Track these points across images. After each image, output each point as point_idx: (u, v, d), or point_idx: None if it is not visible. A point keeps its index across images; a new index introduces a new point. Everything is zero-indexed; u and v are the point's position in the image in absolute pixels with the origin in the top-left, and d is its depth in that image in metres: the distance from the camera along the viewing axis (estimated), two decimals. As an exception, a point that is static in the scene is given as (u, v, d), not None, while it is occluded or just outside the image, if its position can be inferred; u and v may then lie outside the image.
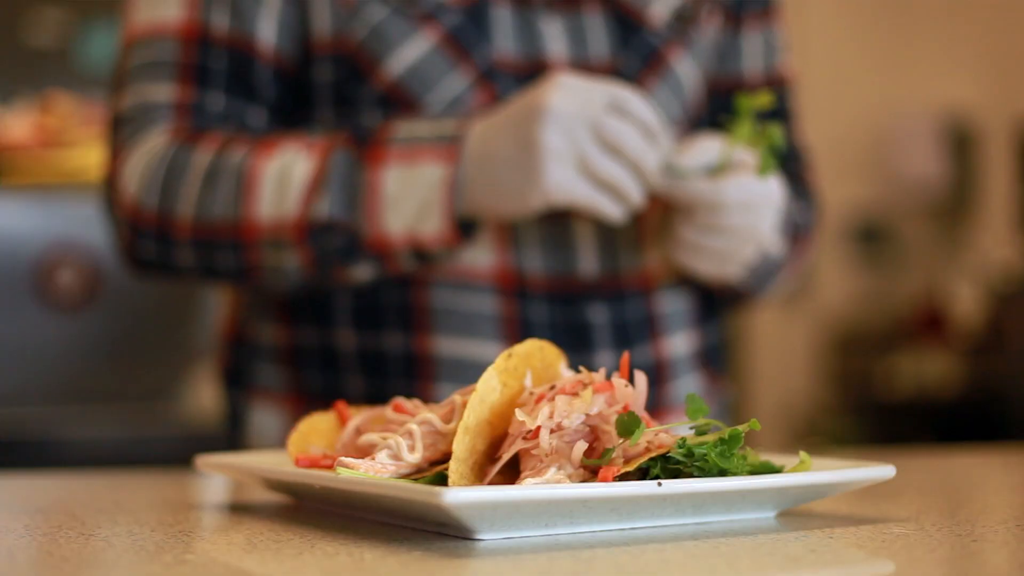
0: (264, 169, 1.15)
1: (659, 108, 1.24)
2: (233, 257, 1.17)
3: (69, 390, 3.20)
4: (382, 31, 1.19)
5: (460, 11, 1.19)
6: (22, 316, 3.20)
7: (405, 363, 1.20)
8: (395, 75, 1.19)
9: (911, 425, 4.14)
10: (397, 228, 1.13)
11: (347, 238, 1.14)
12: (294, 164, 1.15)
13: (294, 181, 1.14)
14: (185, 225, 1.18)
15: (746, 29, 1.34)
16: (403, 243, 1.13)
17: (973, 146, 4.64)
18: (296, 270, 1.16)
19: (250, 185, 1.15)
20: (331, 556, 0.71)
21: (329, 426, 0.91)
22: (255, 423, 1.28)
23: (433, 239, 1.13)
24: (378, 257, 1.15)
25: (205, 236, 1.17)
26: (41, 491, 1.13)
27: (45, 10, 3.32)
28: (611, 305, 1.23)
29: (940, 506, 0.99)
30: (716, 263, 1.19)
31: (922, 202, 4.60)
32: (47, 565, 0.71)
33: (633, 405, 0.80)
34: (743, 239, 1.17)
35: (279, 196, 1.15)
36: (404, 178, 1.12)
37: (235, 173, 1.16)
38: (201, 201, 1.17)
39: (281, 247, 1.15)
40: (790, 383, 4.53)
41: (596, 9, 1.24)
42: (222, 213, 1.16)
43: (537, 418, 0.77)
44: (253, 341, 1.29)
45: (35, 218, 3.22)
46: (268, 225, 1.15)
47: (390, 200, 1.12)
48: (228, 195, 1.16)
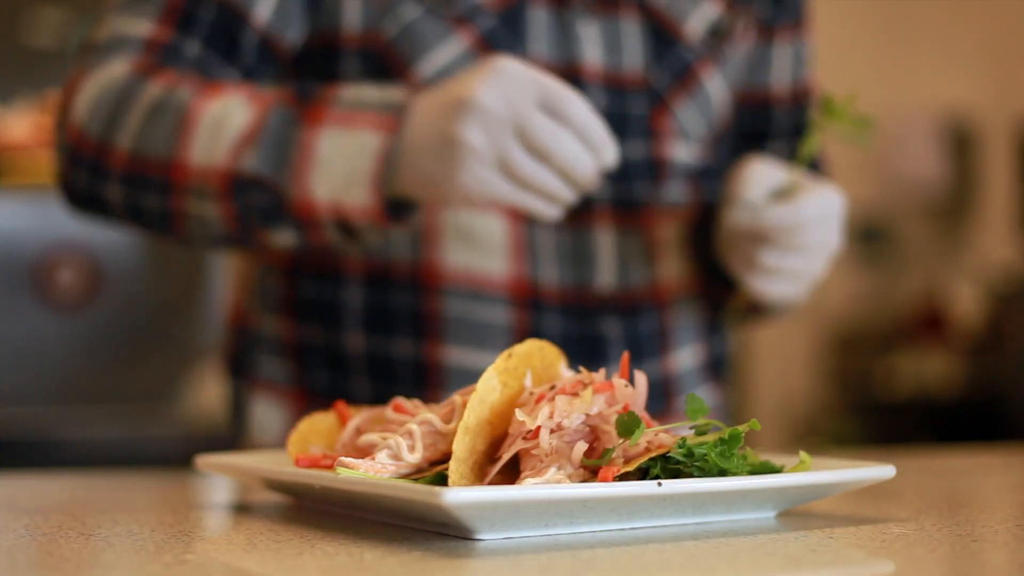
0: (204, 111, 1.10)
1: (685, 123, 1.23)
2: (160, 200, 1.11)
3: (69, 390, 3.20)
4: (415, 31, 1.16)
5: (495, 14, 1.17)
6: (22, 316, 3.21)
7: (414, 370, 1.18)
8: (425, 77, 1.16)
9: (911, 425, 4.13)
10: (323, 194, 1.06)
11: (270, 197, 1.08)
12: (232, 112, 1.09)
13: (229, 129, 1.08)
14: (121, 157, 1.12)
15: (778, 41, 1.32)
16: (327, 211, 1.07)
17: (973, 146, 4.64)
18: (217, 223, 1.11)
19: (188, 126, 1.09)
20: (331, 556, 0.71)
21: (329, 426, 0.91)
22: (257, 414, 1.27)
23: (357, 211, 1.06)
24: (300, 223, 1.08)
25: (137, 171, 1.12)
26: (41, 491, 1.13)
27: (45, 10, 3.32)
28: (624, 319, 1.22)
29: (940, 506, 0.99)
30: (793, 284, 1.18)
31: (922, 202, 4.60)
32: (47, 565, 0.71)
33: (633, 405, 0.80)
34: (821, 254, 1.17)
35: (211, 142, 1.09)
36: (338, 142, 1.06)
37: (177, 111, 1.10)
38: (140, 134, 1.11)
39: (205, 197, 1.10)
40: (790, 383, 4.52)
41: (634, 16, 1.22)
42: (157, 150, 1.10)
43: (537, 418, 0.77)
44: (257, 330, 1.28)
45: (35, 218, 3.22)
46: (196, 170, 1.09)
47: (321, 163, 1.06)
48: (166, 133, 1.10)
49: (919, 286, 4.57)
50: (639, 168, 1.22)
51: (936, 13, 4.67)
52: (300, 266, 1.24)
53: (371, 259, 1.20)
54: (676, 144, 1.24)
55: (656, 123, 1.22)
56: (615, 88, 1.21)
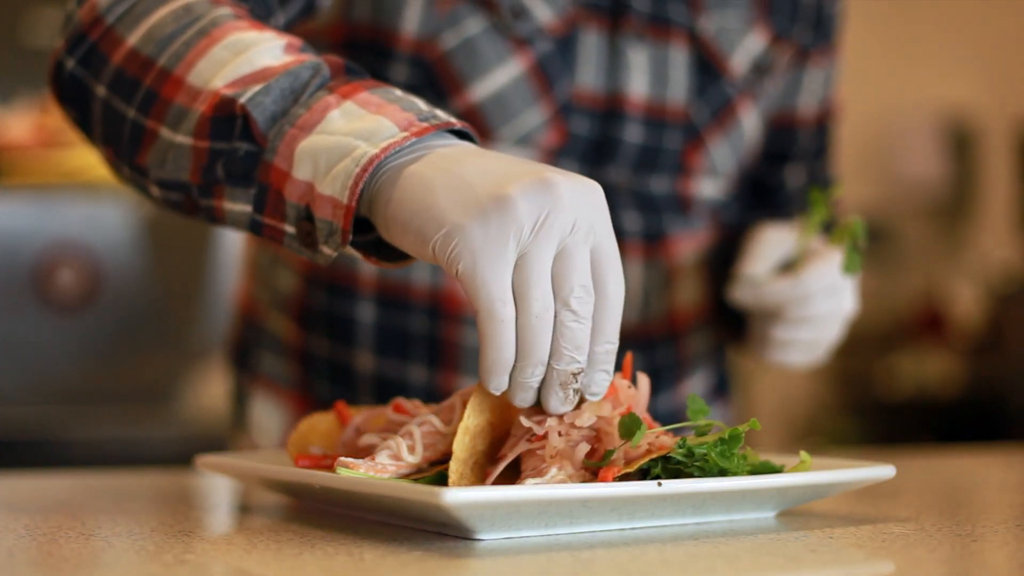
0: (232, 34, 0.91)
1: (717, 160, 1.21)
2: (137, 112, 0.92)
3: (69, 390, 3.20)
4: (475, 47, 1.10)
5: (553, 39, 1.12)
6: (22, 316, 3.20)
7: (426, 397, 1.14)
8: (478, 98, 1.11)
9: (911, 425, 4.13)
10: (304, 169, 0.83)
11: (251, 148, 0.86)
12: (262, 46, 0.90)
13: (248, 60, 0.89)
14: (122, 51, 0.95)
15: (811, 66, 1.30)
16: (298, 190, 0.83)
17: (973, 146, 4.64)
18: (182, 157, 0.90)
19: (208, 40, 0.91)
20: (331, 556, 0.71)
21: (329, 426, 0.91)
22: (257, 412, 1.26)
23: (327, 202, 0.81)
24: (265, 194, 0.85)
25: (130, 73, 0.94)
26: (41, 491, 1.13)
27: (45, 10, 3.31)
28: (642, 353, 1.21)
29: (940, 506, 0.99)
30: (808, 352, 1.18)
31: (922, 202, 4.60)
32: (47, 565, 0.71)
33: (635, 407, 0.80)
34: (831, 323, 1.16)
35: (222, 66, 0.89)
36: (354, 118, 0.83)
37: (205, 24, 0.93)
38: (152, 33, 0.94)
39: (184, 120, 0.89)
40: (790, 383, 4.52)
41: (683, 45, 1.18)
42: (161, 55, 0.92)
43: (546, 422, 0.77)
44: (263, 324, 1.26)
45: (35, 218, 3.22)
46: (188, 86, 0.90)
47: (321, 132, 0.83)
48: (182, 40, 0.92)
49: (919, 286, 4.57)
50: (664, 202, 1.21)
51: (936, 13, 4.67)
52: (314, 271, 1.20)
53: (388, 278, 1.17)
54: (704, 181, 1.22)
55: (688, 159, 1.20)
56: (655, 121, 1.18)
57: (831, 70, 1.33)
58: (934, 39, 4.67)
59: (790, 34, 1.25)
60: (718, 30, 1.20)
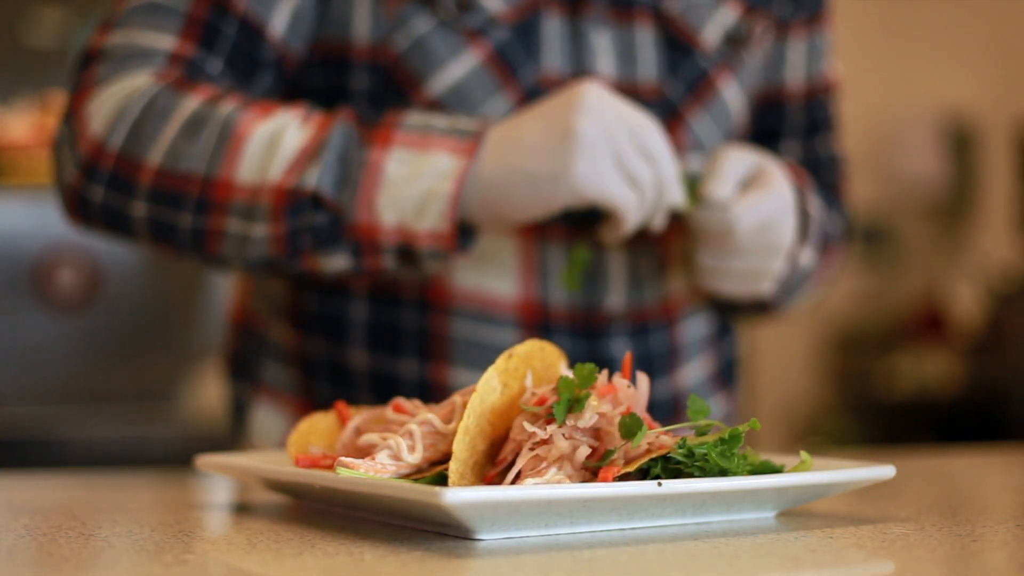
0: (254, 128, 1.05)
1: (701, 135, 1.20)
2: (195, 217, 1.06)
3: (69, 390, 3.20)
4: (426, 45, 1.12)
5: (509, 26, 1.13)
6: (22, 316, 3.21)
7: (419, 390, 1.15)
8: (437, 93, 1.12)
9: (911, 425, 4.13)
10: (390, 217, 1.03)
11: (330, 218, 1.03)
12: (287, 129, 1.05)
13: (285, 146, 1.04)
14: (149, 171, 1.06)
15: (792, 37, 1.29)
16: (392, 235, 1.04)
17: (973, 146, 4.64)
18: (262, 243, 1.06)
19: (236, 141, 1.04)
20: (331, 556, 0.71)
21: (329, 426, 0.91)
22: (258, 420, 1.26)
23: (428, 237, 1.03)
24: (359, 247, 1.05)
25: (170, 187, 1.05)
26: (41, 491, 1.13)
27: (45, 10, 3.31)
28: (635, 339, 1.20)
29: (940, 506, 0.99)
30: (744, 282, 1.16)
31: (922, 202, 4.60)
32: (47, 565, 0.71)
33: (635, 406, 0.80)
34: (766, 256, 1.14)
35: (265, 159, 1.04)
36: (410, 162, 1.03)
37: (221, 126, 1.05)
38: (175, 148, 1.05)
39: (253, 215, 1.04)
40: (790, 383, 4.52)
41: (649, 25, 1.18)
42: (196, 166, 1.05)
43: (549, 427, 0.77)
44: (263, 334, 1.26)
45: (35, 218, 3.22)
46: (245, 187, 1.04)
47: (389, 183, 1.03)
48: (208, 147, 1.05)
49: (919, 286, 4.57)
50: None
51: (937, 13, 4.67)
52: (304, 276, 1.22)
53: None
54: (690, 157, 1.21)
55: (670, 136, 1.18)
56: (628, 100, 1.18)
57: (818, 42, 1.32)
58: (934, 39, 4.67)
59: (767, 4, 1.25)
60: (685, 7, 1.20)
